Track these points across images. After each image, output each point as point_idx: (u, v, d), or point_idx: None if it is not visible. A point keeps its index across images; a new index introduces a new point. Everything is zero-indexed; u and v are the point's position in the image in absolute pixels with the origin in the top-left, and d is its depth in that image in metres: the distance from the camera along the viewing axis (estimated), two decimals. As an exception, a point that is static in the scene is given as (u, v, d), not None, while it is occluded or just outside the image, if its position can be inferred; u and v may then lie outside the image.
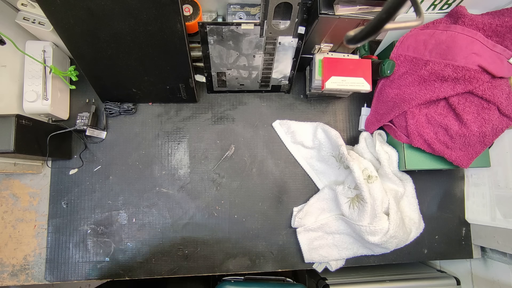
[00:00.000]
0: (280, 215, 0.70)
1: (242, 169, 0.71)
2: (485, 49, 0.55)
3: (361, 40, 0.27)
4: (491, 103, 0.58)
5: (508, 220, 0.64)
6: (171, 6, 0.49)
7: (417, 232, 0.70)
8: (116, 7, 0.48)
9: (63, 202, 0.67)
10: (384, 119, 0.67)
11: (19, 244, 0.66)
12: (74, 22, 0.50)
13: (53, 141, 0.61)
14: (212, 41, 0.57)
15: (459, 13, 0.57)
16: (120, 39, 0.54)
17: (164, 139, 0.71)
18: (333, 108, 0.74)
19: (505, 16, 0.56)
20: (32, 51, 0.60)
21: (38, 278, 0.65)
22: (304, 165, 0.71)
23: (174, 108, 0.72)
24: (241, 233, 0.69)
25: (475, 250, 0.72)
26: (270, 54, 0.61)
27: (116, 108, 0.68)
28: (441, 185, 0.74)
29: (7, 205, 0.67)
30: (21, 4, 0.57)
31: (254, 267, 0.69)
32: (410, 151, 0.66)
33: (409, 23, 0.29)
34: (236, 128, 0.72)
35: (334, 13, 0.51)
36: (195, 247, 0.68)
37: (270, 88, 0.72)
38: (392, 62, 0.63)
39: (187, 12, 0.57)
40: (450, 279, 0.74)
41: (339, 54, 0.65)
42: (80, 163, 0.68)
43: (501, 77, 0.57)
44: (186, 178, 0.70)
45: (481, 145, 0.60)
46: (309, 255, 0.68)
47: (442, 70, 0.56)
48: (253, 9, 0.60)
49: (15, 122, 0.53)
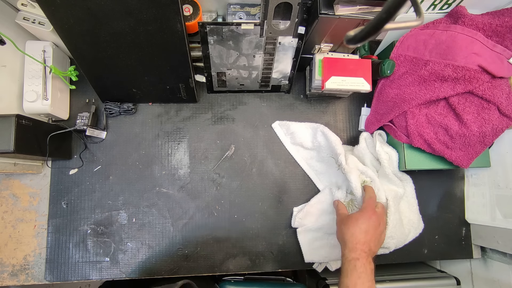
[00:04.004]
0: (280, 215, 0.70)
1: (242, 169, 0.71)
2: (485, 49, 0.55)
3: (361, 40, 0.27)
4: (491, 103, 0.58)
5: (508, 220, 0.64)
6: (171, 6, 0.49)
7: (416, 233, 0.70)
8: (116, 7, 0.48)
9: (63, 202, 0.67)
10: (384, 119, 0.67)
11: (19, 244, 0.66)
12: (74, 22, 0.50)
13: (53, 141, 0.61)
14: (212, 41, 0.57)
15: (459, 13, 0.57)
16: (120, 39, 0.54)
17: (164, 139, 0.71)
18: (333, 108, 0.74)
19: (505, 16, 0.56)
20: (32, 51, 0.60)
21: (38, 278, 0.65)
22: (304, 165, 0.71)
23: (174, 108, 0.72)
24: (241, 233, 0.69)
25: (475, 250, 0.72)
26: (270, 54, 0.61)
27: (116, 108, 0.68)
28: (441, 185, 0.74)
29: (7, 205, 0.67)
30: (21, 4, 0.57)
31: (254, 267, 0.69)
32: (410, 151, 0.66)
33: (409, 23, 0.29)
34: (236, 128, 0.72)
35: (334, 13, 0.51)
36: (195, 247, 0.68)
37: (270, 88, 0.72)
38: (392, 62, 0.63)
39: (187, 12, 0.57)
40: (450, 279, 0.74)
41: (339, 54, 0.65)
42: (80, 163, 0.68)
43: (501, 77, 0.57)
44: (186, 178, 0.70)
45: (481, 145, 0.60)
46: (309, 255, 0.68)
47: (442, 70, 0.56)
48: (253, 9, 0.60)
49: (15, 122, 0.52)
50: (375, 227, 0.55)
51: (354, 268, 0.51)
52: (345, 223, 0.56)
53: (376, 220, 0.56)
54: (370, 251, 0.53)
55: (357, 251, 0.52)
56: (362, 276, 0.50)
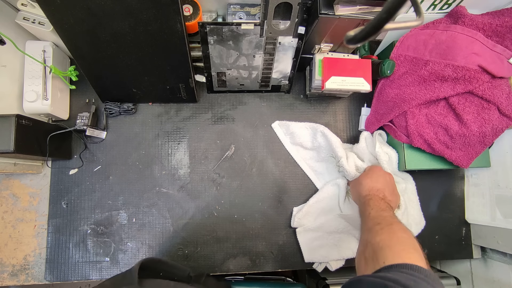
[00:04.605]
0: (280, 215, 0.70)
1: (242, 169, 0.71)
2: (485, 49, 0.55)
3: (361, 40, 0.27)
4: (491, 103, 0.58)
5: (508, 220, 0.64)
6: (171, 6, 0.49)
7: (418, 229, 0.70)
8: (116, 7, 0.48)
9: (63, 202, 0.67)
10: (384, 119, 0.67)
11: (19, 244, 0.66)
12: (74, 22, 0.50)
13: (53, 141, 0.61)
14: (212, 41, 0.57)
15: (459, 13, 0.57)
16: (120, 39, 0.54)
17: (164, 139, 0.71)
18: (333, 108, 0.74)
19: (505, 16, 0.56)
20: (32, 51, 0.60)
21: (38, 278, 0.65)
22: (303, 166, 0.71)
23: (174, 108, 0.72)
24: (241, 233, 0.69)
25: (475, 250, 0.72)
26: (270, 54, 0.61)
27: (116, 108, 0.68)
28: (441, 185, 0.74)
29: (7, 205, 0.67)
30: (21, 4, 0.57)
31: (254, 267, 0.69)
32: (410, 151, 0.66)
33: (409, 23, 0.29)
34: (236, 128, 0.72)
35: (334, 13, 0.51)
36: (195, 247, 0.68)
37: (270, 88, 0.72)
38: (392, 62, 0.63)
39: (187, 12, 0.57)
40: (450, 279, 0.74)
41: (339, 54, 0.65)
42: (80, 163, 0.68)
43: (501, 77, 0.57)
44: (186, 178, 0.70)
45: (481, 145, 0.60)
46: (309, 255, 0.68)
47: (442, 70, 0.56)
48: (253, 9, 0.60)
49: (15, 122, 0.53)
50: (383, 175, 0.59)
51: (367, 204, 0.53)
52: (356, 182, 0.60)
53: (382, 170, 0.60)
54: (386, 198, 0.54)
55: (370, 194, 0.55)
56: (375, 208, 0.51)
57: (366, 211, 0.52)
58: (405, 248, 0.41)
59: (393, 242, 0.42)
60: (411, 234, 0.45)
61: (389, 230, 0.45)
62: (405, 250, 0.41)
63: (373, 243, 0.44)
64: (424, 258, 0.40)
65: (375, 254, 0.42)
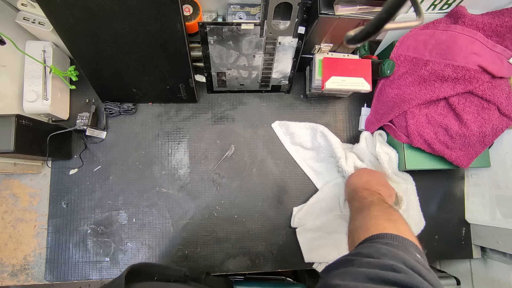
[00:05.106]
0: (280, 215, 0.70)
1: (242, 169, 0.71)
2: (485, 49, 0.55)
3: (361, 40, 0.27)
4: (491, 103, 0.58)
5: (508, 220, 0.64)
6: (171, 6, 0.49)
7: (417, 229, 0.70)
8: (116, 7, 0.48)
9: (63, 202, 0.67)
10: (384, 119, 0.67)
11: (19, 244, 0.66)
12: (74, 22, 0.50)
13: (53, 141, 0.61)
14: (212, 41, 0.57)
15: (459, 13, 0.57)
16: (120, 39, 0.54)
17: (164, 139, 0.71)
18: (333, 108, 0.74)
19: (505, 16, 0.56)
20: (32, 51, 0.60)
21: (38, 278, 0.65)
22: (303, 166, 0.71)
23: (174, 108, 0.72)
24: (241, 233, 0.69)
25: (475, 250, 0.72)
26: (270, 54, 0.61)
27: (116, 108, 0.68)
28: (441, 185, 0.74)
29: (7, 205, 0.67)
30: (21, 4, 0.57)
31: (254, 267, 0.68)
32: (410, 151, 0.66)
33: (409, 23, 0.29)
34: (236, 128, 0.72)
35: (334, 13, 0.51)
36: (195, 247, 0.68)
37: (270, 88, 0.72)
38: (392, 62, 0.63)
39: (187, 12, 0.57)
40: (450, 279, 0.74)
41: (339, 54, 0.65)
42: (80, 163, 0.68)
43: (501, 77, 0.57)
44: (186, 178, 0.70)
45: (481, 145, 0.60)
46: (309, 255, 0.68)
47: (442, 70, 0.56)
48: (253, 9, 0.60)
49: (15, 122, 0.53)
50: (368, 171, 0.61)
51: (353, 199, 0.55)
52: (346, 182, 0.63)
53: (368, 169, 0.63)
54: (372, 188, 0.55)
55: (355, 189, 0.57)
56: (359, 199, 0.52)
57: (353, 205, 0.53)
58: (377, 221, 0.41)
59: (366, 220, 0.43)
60: (392, 210, 0.45)
61: (366, 212, 0.45)
62: (376, 224, 0.41)
63: (351, 229, 0.45)
64: (400, 225, 0.40)
65: (353, 239, 0.43)
